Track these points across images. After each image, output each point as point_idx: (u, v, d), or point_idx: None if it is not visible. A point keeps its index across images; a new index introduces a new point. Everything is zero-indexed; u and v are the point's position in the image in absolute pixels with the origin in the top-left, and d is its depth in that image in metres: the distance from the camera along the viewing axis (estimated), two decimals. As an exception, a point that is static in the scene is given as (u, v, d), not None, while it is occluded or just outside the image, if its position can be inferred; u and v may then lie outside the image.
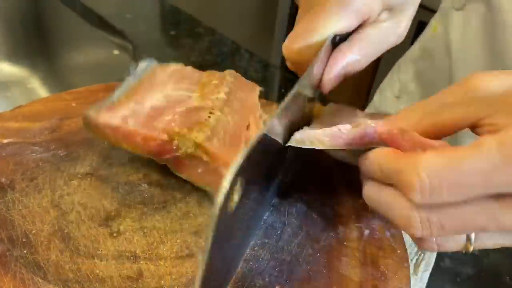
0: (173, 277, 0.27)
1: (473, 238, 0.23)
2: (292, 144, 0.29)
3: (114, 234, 0.29)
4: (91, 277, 0.27)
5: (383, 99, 0.62)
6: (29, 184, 0.32)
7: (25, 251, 0.27)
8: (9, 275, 0.26)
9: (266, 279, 0.28)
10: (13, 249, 0.28)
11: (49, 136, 0.36)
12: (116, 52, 0.66)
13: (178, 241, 0.29)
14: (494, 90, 0.22)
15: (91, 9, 0.69)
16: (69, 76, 0.79)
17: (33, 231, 0.29)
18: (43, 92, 0.82)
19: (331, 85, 0.32)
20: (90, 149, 0.36)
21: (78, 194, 0.32)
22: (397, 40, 0.34)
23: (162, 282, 0.27)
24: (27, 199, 0.31)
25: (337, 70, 0.32)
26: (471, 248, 0.23)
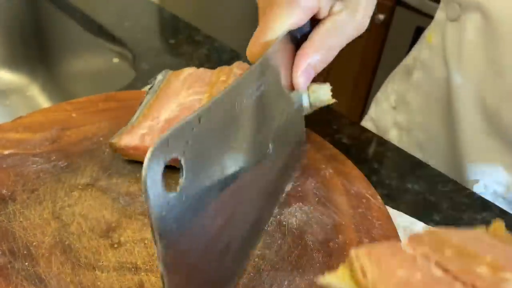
0: (174, 288, 0.27)
1: None
2: None
3: (115, 246, 0.29)
4: (92, 289, 0.27)
5: (379, 111, 0.62)
6: (30, 195, 0.32)
7: (26, 263, 0.28)
8: (10, 287, 0.26)
9: (267, 290, 0.28)
10: (14, 261, 0.28)
11: (49, 147, 0.36)
12: (116, 60, 0.67)
13: (178, 252, 0.29)
14: None
15: (90, 17, 0.70)
16: (68, 84, 0.79)
17: (34, 243, 0.29)
18: (42, 100, 0.82)
19: (302, 83, 0.34)
20: (91, 160, 0.36)
21: (79, 205, 0.32)
22: (357, 30, 0.35)
23: (163, 293, 0.27)
24: (28, 210, 0.31)
25: (303, 69, 0.33)
26: None
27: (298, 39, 0.35)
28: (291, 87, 0.34)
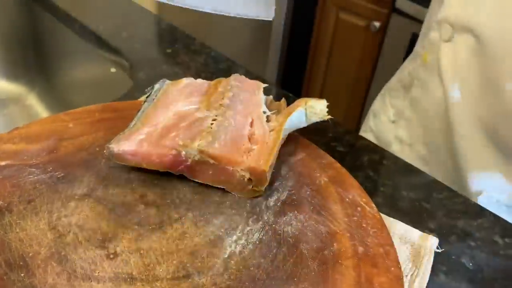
0: (169, 298, 0.27)
1: None
2: None
3: (111, 256, 0.30)
4: (88, 299, 0.27)
5: (378, 123, 0.63)
6: (26, 206, 0.32)
7: (22, 274, 0.28)
8: (6, 299, 0.26)
9: (262, 299, 0.28)
10: (10, 272, 0.28)
11: (46, 157, 0.37)
12: (113, 69, 0.67)
13: (174, 262, 0.30)
14: None
15: (88, 27, 0.70)
16: (66, 94, 0.79)
17: (30, 254, 0.29)
18: (40, 110, 0.83)
19: None
20: (87, 170, 0.36)
21: (75, 216, 0.32)
22: None
23: (158, 303, 0.27)
24: (24, 222, 0.31)
25: None
26: None
27: None
28: None
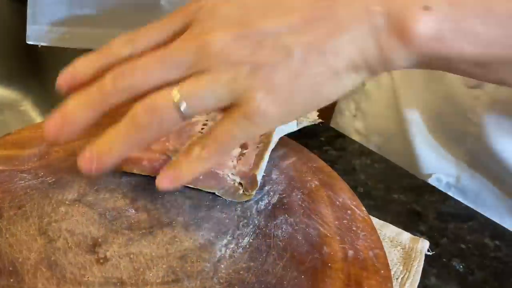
0: (158, 303, 0.28)
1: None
2: None
3: (101, 261, 0.30)
4: (77, 304, 0.27)
5: (343, 118, 0.66)
6: (17, 212, 0.32)
7: (11, 280, 0.28)
8: (-5, 304, 0.26)
9: (251, 302, 0.28)
10: None
11: (37, 163, 0.37)
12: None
13: (164, 266, 0.30)
14: None
15: (82, 33, 0.70)
16: (61, 99, 0.79)
17: (19, 259, 0.29)
18: (35, 115, 0.83)
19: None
20: (78, 175, 0.36)
21: (65, 221, 0.32)
22: None
23: (147, 308, 0.27)
24: (14, 227, 0.31)
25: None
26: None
27: None
28: None
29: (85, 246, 0.31)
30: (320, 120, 0.39)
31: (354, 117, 0.63)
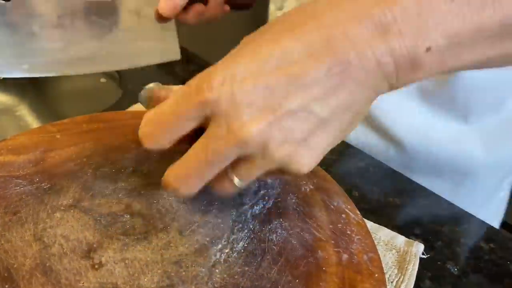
0: (153, 308, 0.28)
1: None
2: None
3: (96, 266, 0.30)
4: (72, 310, 0.27)
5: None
6: (12, 218, 0.32)
7: (6, 286, 0.28)
8: (-10, 311, 0.26)
9: (246, 307, 0.28)
10: (-6, 284, 0.28)
11: (33, 169, 0.37)
12: (103, 80, 0.68)
13: (159, 271, 0.30)
14: None
15: (78, 38, 0.70)
16: (57, 104, 0.79)
17: (15, 265, 0.29)
18: (31, 120, 0.83)
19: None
20: (74, 181, 0.36)
21: (60, 226, 0.32)
22: None
23: (142, 313, 0.27)
24: (9, 233, 0.31)
25: None
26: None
27: None
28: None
29: (80, 252, 0.31)
30: None
31: (279, 10, 0.64)
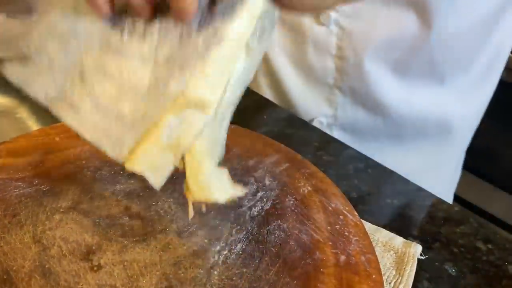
0: (152, 309, 0.28)
1: None
2: None
3: (95, 268, 0.30)
4: (71, 312, 0.27)
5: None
6: (11, 220, 0.33)
7: (6, 288, 0.28)
8: (-11, 313, 0.27)
9: (244, 308, 0.28)
10: (-6, 286, 0.28)
11: (32, 171, 0.37)
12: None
13: (157, 273, 0.30)
14: None
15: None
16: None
17: (14, 267, 0.29)
18: (31, 123, 0.83)
19: None
20: (73, 183, 0.36)
21: (60, 228, 0.32)
22: None
23: (141, 315, 0.27)
24: (9, 235, 0.31)
25: None
26: None
27: None
28: None
29: (79, 254, 0.31)
30: None
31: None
